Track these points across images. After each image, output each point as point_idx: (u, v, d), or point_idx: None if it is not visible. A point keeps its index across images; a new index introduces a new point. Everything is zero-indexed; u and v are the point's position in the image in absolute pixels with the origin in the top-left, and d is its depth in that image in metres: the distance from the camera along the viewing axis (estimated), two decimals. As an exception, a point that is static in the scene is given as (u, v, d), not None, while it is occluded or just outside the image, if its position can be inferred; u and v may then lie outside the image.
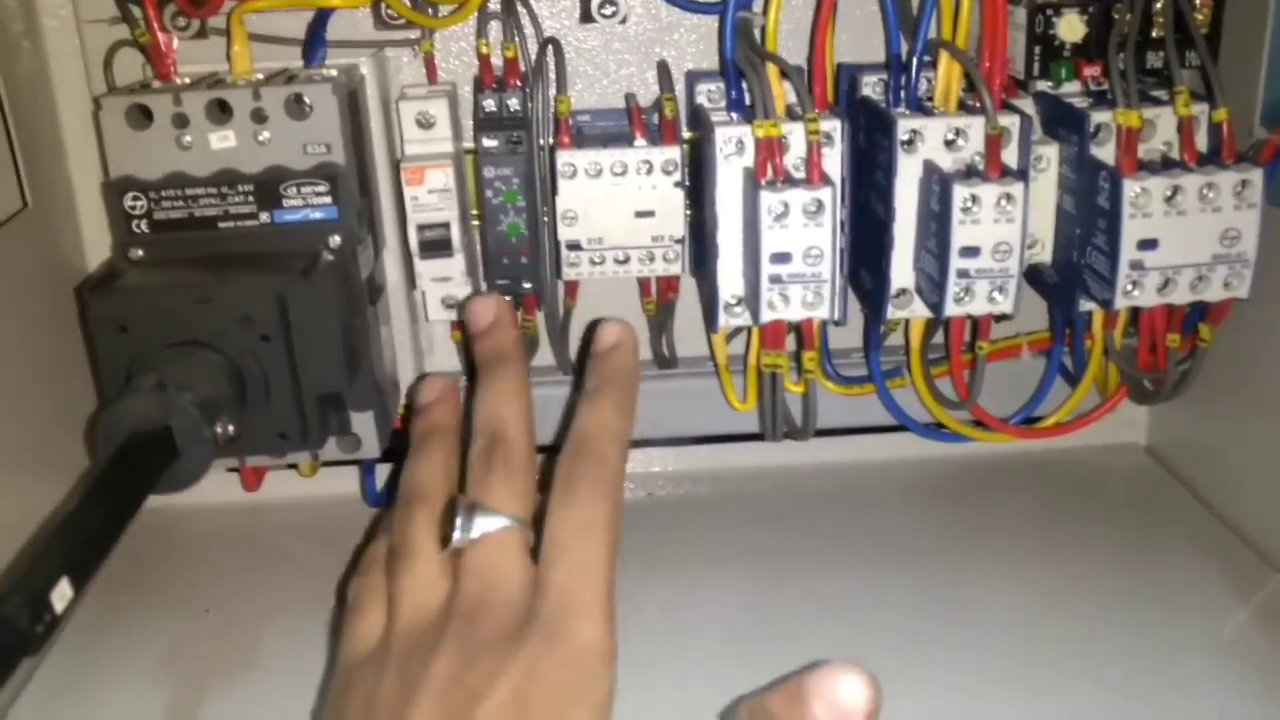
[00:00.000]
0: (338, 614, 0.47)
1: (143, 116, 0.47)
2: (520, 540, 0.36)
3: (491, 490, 0.37)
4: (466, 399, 0.42)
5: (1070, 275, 0.51)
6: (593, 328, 0.43)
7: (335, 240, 0.47)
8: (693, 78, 0.54)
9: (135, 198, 0.47)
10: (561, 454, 0.37)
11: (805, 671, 0.30)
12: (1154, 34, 0.49)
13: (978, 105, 0.48)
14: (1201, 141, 0.48)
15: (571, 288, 0.57)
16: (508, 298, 0.52)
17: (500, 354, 0.41)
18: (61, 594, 0.31)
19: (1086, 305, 0.51)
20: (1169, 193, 0.47)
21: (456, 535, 0.35)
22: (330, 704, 0.36)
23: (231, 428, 0.41)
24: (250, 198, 0.47)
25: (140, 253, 0.47)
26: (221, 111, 0.47)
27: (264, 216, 0.47)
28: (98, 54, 0.52)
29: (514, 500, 0.37)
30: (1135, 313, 0.53)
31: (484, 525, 0.35)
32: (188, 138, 0.47)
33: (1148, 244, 0.47)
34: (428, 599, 0.35)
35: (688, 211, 0.53)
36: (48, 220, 0.54)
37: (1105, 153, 0.48)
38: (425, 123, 0.52)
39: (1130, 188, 0.46)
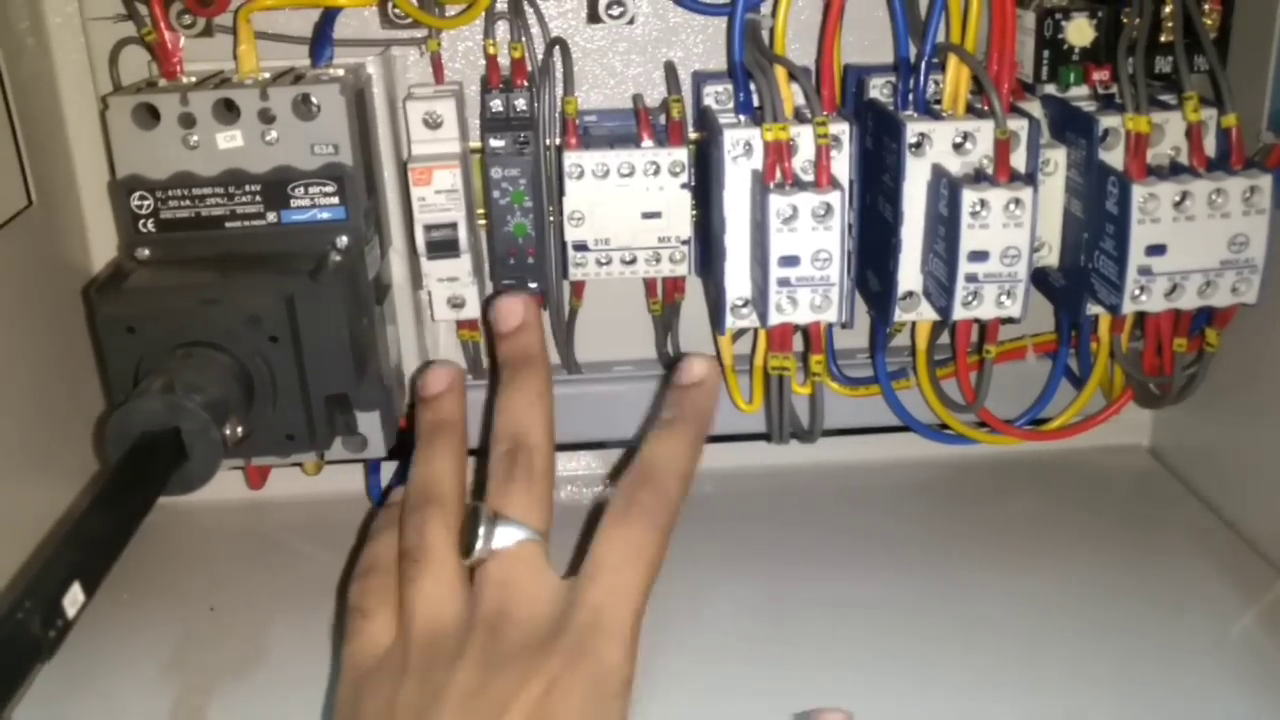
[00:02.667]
0: (340, 615, 0.47)
1: (150, 116, 0.47)
2: (542, 553, 0.36)
3: (513, 500, 0.36)
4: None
5: (1077, 279, 0.51)
6: (678, 357, 0.45)
7: (342, 241, 0.47)
8: (700, 79, 0.54)
9: (142, 197, 0.47)
10: (625, 476, 0.37)
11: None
12: (1163, 39, 0.49)
13: (986, 108, 0.48)
14: (1210, 147, 0.48)
15: (577, 288, 0.57)
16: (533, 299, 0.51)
17: (526, 357, 0.40)
18: (73, 599, 0.31)
19: (1093, 309, 0.51)
20: (1177, 198, 0.47)
21: (478, 545, 0.35)
22: (342, 710, 0.35)
23: (240, 429, 0.41)
24: (257, 198, 0.47)
25: (147, 252, 0.47)
26: (229, 111, 0.47)
27: (271, 216, 0.47)
28: (103, 52, 0.52)
29: (535, 511, 0.36)
30: (1141, 316, 0.53)
31: (506, 537, 0.35)
32: (195, 137, 0.47)
33: (1156, 249, 0.47)
34: (445, 608, 0.35)
35: (694, 213, 0.53)
36: (52, 218, 0.54)
37: (1113, 157, 0.48)
38: (432, 123, 0.52)
39: (1139, 193, 0.46)
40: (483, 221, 0.54)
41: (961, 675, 0.47)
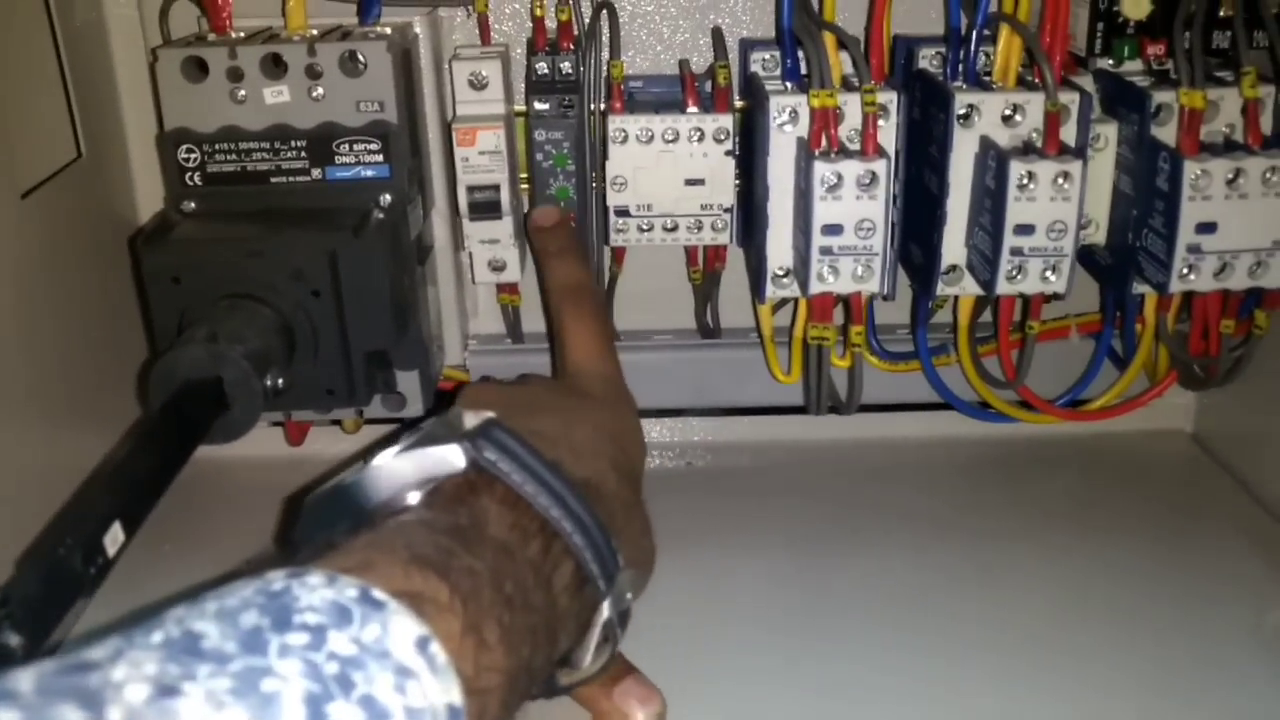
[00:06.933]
0: None
1: (198, 69, 0.47)
2: None
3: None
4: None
5: (1124, 257, 0.50)
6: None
7: (386, 199, 0.47)
8: (747, 46, 0.54)
9: (189, 150, 0.47)
10: (555, 300, 0.49)
11: None
12: (1221, 13, 0.48)
13: (1037, 81, 0.47)
14: (1267, 125, 0.47)
15: (618, 254, 0.57)
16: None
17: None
18: (114, 538, 0.31)
19: (1140, 288, 0.51)
20: (1230, 175, 0.46)
21: None
22: None
23: (281, 381, 0.42)
24: (303, 153, 0.47)
25: (192, 205, 0.47)
26: (276, 66, 0.47)
27: (316, 173, 0.47)
28: (154, 6, 0.52)
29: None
30: (1188, 297, 0.52)
31: None
32: (242, 91, 0.47)
33: (1206, 227, 0.46)
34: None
35: (737, 181, 0.52)
36: (101, 170, 0.54)
37: (1166, 133, 0.48)
38: (478, 84, 0.52)
39: (1191, 169, 0.46)
40: (525, 185, 0.54)
41: (994, 655, 0.47)
